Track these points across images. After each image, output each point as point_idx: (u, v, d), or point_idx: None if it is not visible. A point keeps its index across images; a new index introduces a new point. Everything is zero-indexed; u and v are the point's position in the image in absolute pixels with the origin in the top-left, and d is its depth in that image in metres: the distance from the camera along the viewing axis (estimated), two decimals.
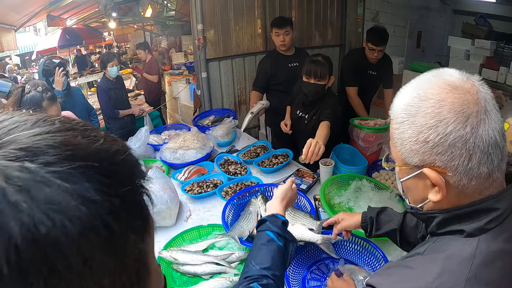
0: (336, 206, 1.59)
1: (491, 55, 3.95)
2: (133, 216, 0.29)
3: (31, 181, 0.23)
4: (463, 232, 0.58)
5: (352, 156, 2.06)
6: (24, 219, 0.22)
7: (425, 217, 0.65)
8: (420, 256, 0.61)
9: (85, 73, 6.31)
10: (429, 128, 0.54)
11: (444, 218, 0.60)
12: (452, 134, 0.53)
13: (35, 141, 0.26)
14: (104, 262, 0.25)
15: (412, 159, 0.59)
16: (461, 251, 0.56)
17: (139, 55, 5.02)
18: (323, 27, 4.49)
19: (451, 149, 0.53)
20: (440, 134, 0.53)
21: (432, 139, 0.54)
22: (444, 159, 0.55)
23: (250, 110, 2.41)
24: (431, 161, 0.56)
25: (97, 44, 11.47)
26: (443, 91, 0.55)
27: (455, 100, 0.53)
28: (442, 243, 0.60)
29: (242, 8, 3.60)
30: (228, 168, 2.05)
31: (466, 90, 0.54)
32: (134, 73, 6.21)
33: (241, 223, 1.38)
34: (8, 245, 0.21)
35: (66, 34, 8.84)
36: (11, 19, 5.62)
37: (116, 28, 9.10)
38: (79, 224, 0.24)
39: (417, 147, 0.57)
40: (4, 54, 9.60)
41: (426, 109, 0.55)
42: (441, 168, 0.55)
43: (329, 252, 1.26)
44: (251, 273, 0.80)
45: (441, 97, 0.54)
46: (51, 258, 0.23)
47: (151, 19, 7.77)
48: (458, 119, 0.53)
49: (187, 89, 4.50)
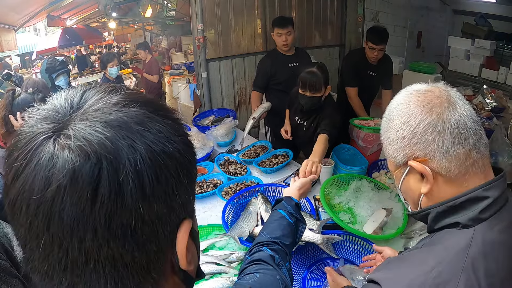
0: (336, 206, 1.59)
1: (491, 55, 3.95)
2: (191, 162, 0.39)
3: (144, 118, 0.34)
4: (458, 224, 0.60)
5: (352, 156, 2.06)
6: (146, 140, 0.33)
7: (421, 216, 0.67)
8: (418, 249, 0.64)
9: (85, 73, 6.31)
10: (403, 125, 0.63)
11: (437, 212, 0.63)
12: (422, 123, 0.61)
13: (133, 96, 0.37)
14: (183, 182, 0.36)
15: (398, 158, 0.65)
16: (457, 241, 0.59)
17: (139, 55, 5.02)
18: (323, 27, 4.49)
19: (424, 136, 0.60)
20: (412, 127, 0.61)
21: (407, 133, 0.62)
22: (421, 147, 0.61)
23: (252, 115, 2.36)
24: (412, 153, 0.63)
25: (97, 44, 11.47)
26: (410, 95, 0.65)
27: (419, 98, 0.63)
28: (438, 236, 0.63)
29: (242, 8, 3.60)
30: (228, 168, 2.05)
31: (429, 90, 0.64)
32: (134, 73, 6.21)
33: (241, 223, 1.38)
34: (140, 158, 0.32)
35: (66, 34, 8.84)
36: (11, 19, 5.62)
37: (116, 28, 9.10)
38: (177, 147, 0.35)
39: (398, 145, 0.65)
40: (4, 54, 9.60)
41: (398, 111, 0.65)
42: (422, 158, 0.62)
43: (329, 252, 1.26)
44: (261, 239, 0.87)
45: (408, 100, 0.64)
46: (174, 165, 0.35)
47: (151, 19, 7.77)
48: (423, 110, 0.61)
49: (187, 89, 4.51)
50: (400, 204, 1.52)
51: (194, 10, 3.23)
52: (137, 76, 6.26)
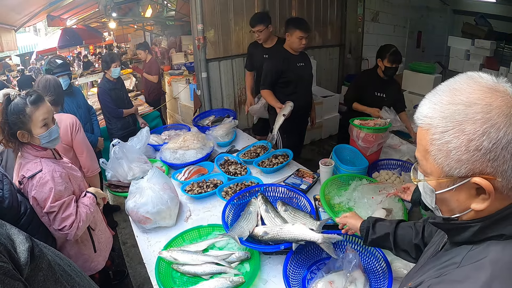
0: (336, 206, 1.59)
1: (491, 55, 3.95)
2: None
3: None
4: (502, 236, 0.56)
5: (352, 156, 2.06)
6: None
7: (454, 227, 0.61)
8: (458, 267, 0.58)
9: (85, 73, 6.31)
10: (481, 135, 0.51)
11: (481, 227, 0.57)
12: (505, 138, 0.51)
13: None
14: None
15: (460, 169, 0.55)
16: (505, 254, 0.54)
17: (139, 55, 5.01)
18: (323, 27, 4.49)
19: (503, 153, 0.51)
20: (493, 140, 0.51)
21: (485, 146, 0.51)
22: (495, 164, 0.52)
23: (281, 112, 2.28)
24: (482, 169, 0.53)
25: (97, 44, 11.47)
26: (486, 95, 0.53)
27: (501, 103, 0.52)
28: (480, 249, 0.57)
29: (242, 8, 3.60)
30: (228, 168, 2.05)
31: (506, 92, 0.53)
32: (134, 73, 6.21)
33: (241, 223, 1.38)
34: None
35: (66, 34, 8.84)
36: (11, 19, 5.62)
37: (116, 28, 9.10)
38: None
39: (467, 156, 0.53)
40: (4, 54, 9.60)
41: (475, 115, 0.52)
42: (491, 175, 0.53)
43: (329, 251, 1.26)
44: None
45: (487, 102, 0.52)
46: None
47: (151, 19, 7.77)
48: (507, 122, 0.51)
49: (187, 89, 4.50)
50: (400, 204, 1.52)
51: (194, 10, 3.23)
52: (137, 76, 6.26)
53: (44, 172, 1.39)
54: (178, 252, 1.37)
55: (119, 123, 3.24)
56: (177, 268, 1.34)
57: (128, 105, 3.34)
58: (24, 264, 0.67)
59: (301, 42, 2.46)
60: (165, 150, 2.22)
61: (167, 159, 2.17)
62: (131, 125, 3.33)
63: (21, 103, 1.36)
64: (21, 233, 0.72)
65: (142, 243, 1.55)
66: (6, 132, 1.37)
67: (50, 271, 0.75)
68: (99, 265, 1.67)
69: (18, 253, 0.68)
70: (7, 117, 1.35)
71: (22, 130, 1.36)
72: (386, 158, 2.08)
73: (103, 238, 1.72)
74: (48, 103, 1.46)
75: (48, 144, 1.45)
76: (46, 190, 1.37)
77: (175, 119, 5.15)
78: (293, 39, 2.48)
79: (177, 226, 1.64)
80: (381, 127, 2.04)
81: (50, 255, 0.79)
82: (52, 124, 1.46)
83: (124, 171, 1.90)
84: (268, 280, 1.29)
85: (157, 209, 1.55)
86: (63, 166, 1.51)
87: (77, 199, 1.52)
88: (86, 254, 1.61)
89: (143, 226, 1.60)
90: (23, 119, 1.35)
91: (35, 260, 0.71)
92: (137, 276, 2.50)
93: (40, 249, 0.75)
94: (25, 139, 1.39)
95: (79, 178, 1.60)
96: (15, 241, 0.69)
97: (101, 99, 3.16)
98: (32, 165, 1.41)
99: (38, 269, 0.72)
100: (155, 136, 2.57)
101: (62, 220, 1.40)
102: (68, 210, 1.42)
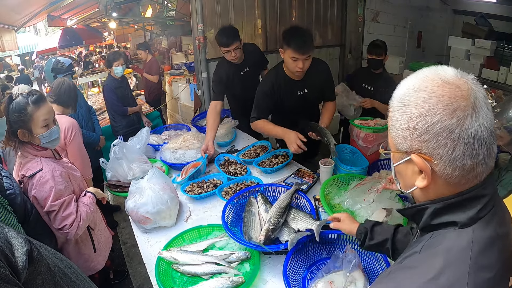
0: (336, 206, 1.59)
1: (491, 55, 3.94)
2: None
3: None
4: (456, 224, 0.60)
5: (352, 156, 2.06)
6: None
7: (415, 211, 0.66)
8: (417, 254, 0.62)
9: (85, 73, 6.30)
10: (418, 117, 0.58)
11: (436, 208, 0.62)
12: (439, 124, 0.56)
13: None
14: None
15: (403, 145, 0.63)
16: (458, 242, 0.58)
17: (139, 55, 5.02)
18: (323, 27, 4.49)
19: (437, 137, 0.57)
20: (428, 123, 0.57)
21: (420, 127, 0.58)
22: (430, 146, 0.58)
23: (332, 142, 1.84)
24: (419, 148, 0.60)
25: (98, 44, 11.48)
26: (435, 84, 0.59)
27: (444, 93, 0.57)
28: (437, 238, 0.62)
29: (242, 8, 3.60)
30: (228, 168, 2.05)
31: (457, 86, 0.58)
32: (135, 73, 6.21)
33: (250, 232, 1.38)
34: None
35: (66, 34, 8.85)
36: (12, 19, 5.62)
37: (116, 28, 9.10)
38: None
39: (407, 134, 0.61)
40: (5, 54, 9.61)
41: (418, 99, 0.59)
42: (427, 156, 0.59)
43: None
44: None
45: (432, 90, 0.58)
46: None
47: (152, 19, 7.77)
48: (445, 110, 0.56)
49: (188, 89, 4.50)
50: (400, 204, 1.52)
51: (194, 10, 3.23)
52: (138, 76, 6.26)
53: (44, 171, 1.39)
54: (178, 252, 1.36)
55: (124, 121, 3.29)
56: (177, 268, 1.34)
57: (132, 104, 3.40)
58: (22, 268, 0.66)
59: (296, 64, 1.84)
60: (165, 150, 2.22)
61: (167, 159, 2.17)
62: (136, 123, 3.38)
63: (22, 102, 1.37)
64: (19, 236, 0.71)
65: (142, 243, 1.55)
66: (7, 131, 1.39)
67: (49, 274, 0.74)
68: (98, 265, 1.67)
69: (16, 257, 0.67)
70: (8, 115, 1.37)
71: (22, 128, 1.37)
72: (386, 158, 2.08)
73: (103, 238, 1.72)
74: (49, 103, 1.47)
75: (48, 144, 1.45)
76: (47, 189, 1.38)
77: (175, 119, 5.15)
78: (286, 58, 1.91)
79: (177, 226, 1.64)
80: (381, 127, 2.04)
81: (50, 258, 0.78)
82: (53, 125, 1.46)
83: (124, 171, 1.90)
84: (268, 280, 1.29)
85: (157, 209, 1.55)
86: (63, 166, 1.51)
87: (77, 198, 1.52)
88: (86, 254, 1.61)
89: (143, 226, 1.60)
90: (24, 118, 1.36)
91: (33, 263, 0.70)
92: (137, 276, 2.50)
93: (39, 252, 0.74)
94: (25, 138, 1.40)
95: (78, 178, 1.61)
96: (13, 244, 0.68)
97: (107, 96, 3.20)
98: (32, 164, 1.41)
99: (37, 272, 0.71)
100: (155, 136, 2.57)
101: (62, 219, 1.41)
102: (69, 209, 1.42)
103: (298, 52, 1.79)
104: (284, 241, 1.33)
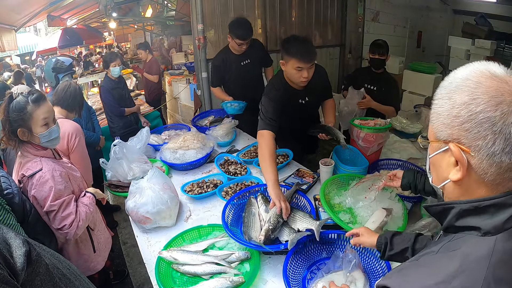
0: (336, 206, 1.58)
1: (491, 55, 3.95)
2: None
3: None
4: (479, 229, 0.58)
5: (352, 156, 2.06)
6: None
7: (441, 209, 0.65)
8: (434, 254, 0.61)
9: (85, 73, 6.31)
10: (462, 104, 0.57)
11: (462, 209, 0.60)
12: (482, 114, 0.55)
13: None
14: None
15: (442, 133, 0.61)
16: (478, 249, 0.56)
17: (139, 55, 5.02)
18: (323, 27, 4.49)
19: (478, 127, 0.55)
20: (471, 111, 0.55)
21: (462, 115, 0.57)
22: (470, 136, 0.56)
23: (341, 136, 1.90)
24: (458, 137, 0.58)
25: (98, 44, 11.48)
26: (483, 75, 0.57)
27: (492, 85, 0.56)
28: (457, 241, 0.60)
29: (243, 8, 3.60)
30: (228, 168, 2.05)
31: (505, 81, 0.56)
32: (135, 73, 6.22)
33: (250, 232, 1.38)
34: None
35: (66, 34, 8.86)
36: (12, 19, 5.63)
37: (116, 28, 9.11)
38: None
39: (448, 121, 0.59)
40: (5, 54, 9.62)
41: (464, 87, 0.58)
42: (466, 146, 0.57)
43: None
44: None
45: (480, 80, 0.57)
46: None
47: (152, 19, 7.78)
48: (490, 101, 0.54)
49: (188, 89, 4.50)
50: (400, 204, 1.52)
51: (194, 10, 3.23)
52: (138, 76, 6.26)
53: (44, 171, 1.39)
54: (178, 252, 1.36)
55: (121, 121, 3.27)
56: (177, 268, 1.34)
57: (130, 104, 3.38)
58: (20, 269, 0.66)
59: (300, 75, 1.76)
60: (165, 150, 2.22)
61: (167, 159, 2.17)
62: (133, 124, 3.36)
63: (22, 101, 1.38)
64: (18, 237, 0.71)
65: (142, 243, 1.55)
66: (7, 130, 1.39)
67: (47, 275, 0.74)
68: (98, 265, 1.67)
69: (14, 258, 0.67)
70: (8, 114, 1.37)
71: (22, 127, 1.38)
72: (386, 158, 2.08)
73: (102, 238, 1.72)
74: (49, 102, 1.47)
75: (47, 143, 1.45)
76: (46, 189, 1.38)
77: (175, 119, 5.15)
78: (289, 69, 1.80)
79: (177, 226, 1.64)
80: (381, 127, 2.03)
81: (49, 259, 0.78)
82: (52, 124, 1.46)
83: (124, 171, 1.90)
84: (268, 280, 1.29)
85: (157, 209, 1.55)
86: (63, 166, 1.51)
87: (76, 198, 1.52)
88: (86, 254, 1.61)
89: (143, 226, 1.60)
90: (23, 116, 1.37)
91: (32, 264, 0.70)
92: (137, 276, 2.50)
93: (37, 253, 0.73)
94: (25, 137, 1.40)
95: (78, 178, 1.61)
96: (12, 245, 0.68)
97: (104, 97, 3.19)
98: (32, 164, 1.41)
99: (35, 274, 0.71)
100: (155, 136, 2.57)
101: (62, 219, 1.41)
102: (68, 209, 1.42)
103: (303, 61, 1.73)
104: (284, 241, 1.33)
